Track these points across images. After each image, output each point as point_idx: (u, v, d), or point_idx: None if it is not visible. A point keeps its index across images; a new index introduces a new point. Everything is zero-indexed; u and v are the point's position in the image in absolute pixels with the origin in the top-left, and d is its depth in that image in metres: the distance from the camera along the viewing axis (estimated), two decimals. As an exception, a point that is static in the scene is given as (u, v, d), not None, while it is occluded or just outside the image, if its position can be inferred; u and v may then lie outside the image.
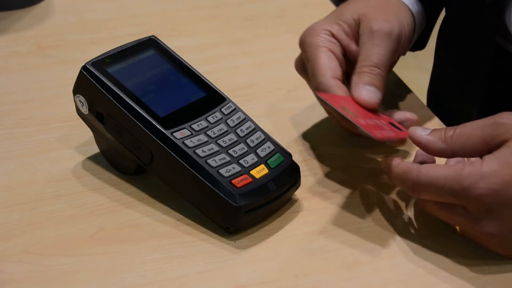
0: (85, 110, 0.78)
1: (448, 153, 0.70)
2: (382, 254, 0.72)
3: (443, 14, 0.96)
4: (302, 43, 0.82)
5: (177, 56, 0.80)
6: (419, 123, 0.82)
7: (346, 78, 0.82)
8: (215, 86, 0.79)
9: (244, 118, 0.78)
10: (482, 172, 0.67)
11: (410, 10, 0.86)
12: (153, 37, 0.81)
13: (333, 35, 0.82)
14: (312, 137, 0.86)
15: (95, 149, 0.82)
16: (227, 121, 0.77)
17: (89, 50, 1.01)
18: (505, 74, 0.90)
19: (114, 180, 0.79)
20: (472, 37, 0.90)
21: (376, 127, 0.73)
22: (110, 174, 0.80)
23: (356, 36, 0.82)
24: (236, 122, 0.77)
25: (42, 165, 0.81)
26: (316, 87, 0.79)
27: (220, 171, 0.72)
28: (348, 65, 0.82)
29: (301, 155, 0.83)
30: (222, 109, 0.77)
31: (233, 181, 0.72)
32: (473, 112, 0.90)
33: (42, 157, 0.83)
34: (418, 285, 0.70)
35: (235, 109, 0.78)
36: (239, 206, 0.71)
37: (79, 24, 1.08)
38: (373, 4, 0.84)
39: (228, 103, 0.78)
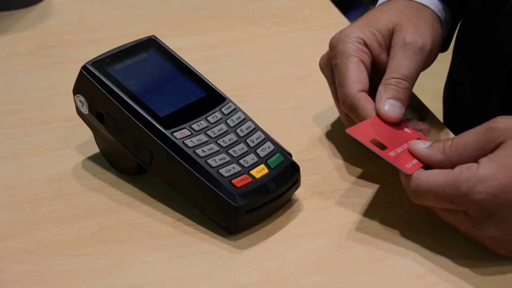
0: (85, 110, 0.78)
1: (448, 164, 0.71)
2: (382, 254, 0.72)
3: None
4: (333, 48, 0.81)
5: (177, 56, 0.80)
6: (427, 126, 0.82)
7: (371, 87, 0.81)
8: (215, 86, 0.79)
9: (244, 118, 0.78)
10: (479, 176, 0.67)
11: (439, 18, 0.86)
12: (153, 37, 0.81)
13: (365, 44, 0.81)
14: (312, 137, 0.86)
15: (95, 149, 0.82)
16: (227, 121, 0.77)
17: (89, 50, 1.01)
18: None
19: (114, 180, 0.79)
20: (491, 40, 0.89)
21: (406, 157, 0.73)
22: (110, 174, 0.80)
23: (388, 46, 0.82)
24: (236, 122, 0.77)
25: (42, 165, 0.81)
26: (342, 97, 0.79)
27: (220, 171, 0.72)
28: (374, 74, 0.82)
29: (301, 155, 0.83)
30: (222, 109, 0.77)
31: (233, 181, 0.72)
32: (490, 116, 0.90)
33: (42, 157, 0.83)
34: (418, 285, 0.70)
35: (235, 109, 0.78)
36: (239, 206, 0.71)
37: (79, 24, 1.08)
38: (407, 14, 0.83)
39: (228, 103, 0.78)
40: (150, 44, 0.80)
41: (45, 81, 0.96)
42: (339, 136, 0.86)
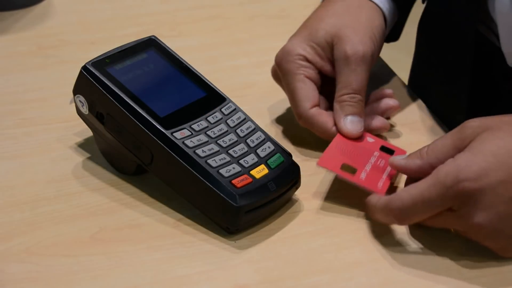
0: (85, 110, 0.78)
1: (426, 167, 0.72)
2: (382, 254, 0.72)
3: (421, 6, 0.96)
4: (279, 67, 0.84)
5: (177, 56, 0.80)
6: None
7: (323, 91, 0.85)
8: (215, 86, 0.79)
9: (244, 118, 0.78)
10: (457, 165, 0.69)
11: (381, 10, 0.88)
12: (153, 37, 0.81)
13: (307, 60, 0.84)
14: (312, 137, 0.86)
15: (95, 149, 0.82)
16: (227, 121, 0.77)
17: (89, 50, 1.00)
18: (489, 65, 0.91)
19: (114, 180, 0.79)
20: (453, 28, 0.90)
21: (376, 174, 0.76)
22: (110, 174, 0.80)
23: (330, 57, 0.84)
24: (236, 122, 0.77)
25: (42, 165, 0.81)
26: (296, 116, 0.83)
27: (220, 171, 0.72)
28: (324, 80, 0.85)
29: (301, 155, 0.83)
30: (222, 109, 0.77)
31: (233, 181, 0.72)
32: (462, 106, 0.91)
33: (42, 157, 0.83)
34: (418, 285, 0.70)
35: (235, 109, 0.78)
36: (239, 206, 0.71)
37: (79, 24, 1.08)
38: (345, 20, 0.85)
39: (228, 103, 0.78)
40: (150, 44, 0.80)
41: (45, 81, 0.96)
42: (339, 136, 0.86)
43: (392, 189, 0.77)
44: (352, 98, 0.82)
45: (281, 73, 0.84)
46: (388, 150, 0.81)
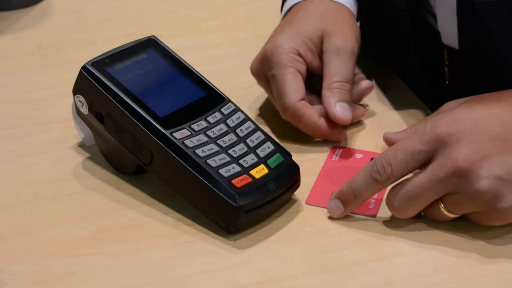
0: (85, 110, 0.78)
1: None
2: (382, 254, 0.72)
3: None
4: (269, 60, 0.85)
5: (177, 56, 0.80)
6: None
7: (308, 87, 0.86)
8: (215, 86, 0.79)
9: (244, 118, 0.78)
10: (434, 119, 0.71)
11: (352, 13, 0.90)
12: (153, 37, 0.81)
13: (299, 54, 0.85)
14: (312, 137, 0.86)
15: (95, 149, 0.82)
16: (227, 121, 0.77)
17: (89, 50, 1.00)
18: (437, 52, 0.91)
19: (114, 180, 0.79)
20: (391, 13, 0.93)
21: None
22: (110, 174, 0.80)
23: (319, 52, 0.86)
24: (236, 122, 0.77)
25: (42, 165, 0.82)
26: (283, 108, 0.84)
27: (220, 171, 0.72)
28: (308, 78, 0.86)
29: (301, 155, 0.83)
30: (222, 109, 0.77)
31: (233, 181, 0.72)
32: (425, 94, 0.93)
33: (42, 157, 0.83)
34: (418, 285, 0.70)
35: (235, 109, 0.78)
36: (239, 206, 0.71)
37: (79, 24, 1.08)
38: (330, 18, 0.87)
39: (228, 103, 0.78)
40: (150, 44, 0.80)
41: (45, 81, 0.96)
42: (339, 136, 0.86)
43: None
44: (342, 86, 0.84)
45: (270, 65, 0.85)
46: None
